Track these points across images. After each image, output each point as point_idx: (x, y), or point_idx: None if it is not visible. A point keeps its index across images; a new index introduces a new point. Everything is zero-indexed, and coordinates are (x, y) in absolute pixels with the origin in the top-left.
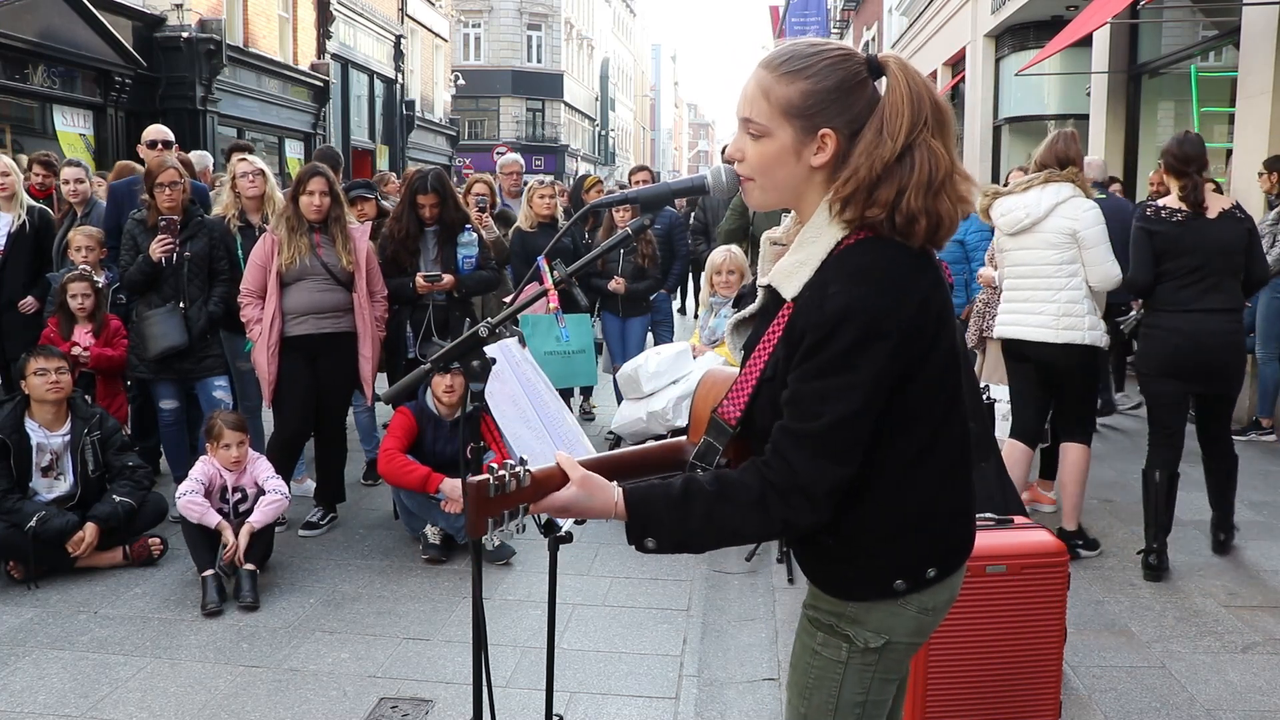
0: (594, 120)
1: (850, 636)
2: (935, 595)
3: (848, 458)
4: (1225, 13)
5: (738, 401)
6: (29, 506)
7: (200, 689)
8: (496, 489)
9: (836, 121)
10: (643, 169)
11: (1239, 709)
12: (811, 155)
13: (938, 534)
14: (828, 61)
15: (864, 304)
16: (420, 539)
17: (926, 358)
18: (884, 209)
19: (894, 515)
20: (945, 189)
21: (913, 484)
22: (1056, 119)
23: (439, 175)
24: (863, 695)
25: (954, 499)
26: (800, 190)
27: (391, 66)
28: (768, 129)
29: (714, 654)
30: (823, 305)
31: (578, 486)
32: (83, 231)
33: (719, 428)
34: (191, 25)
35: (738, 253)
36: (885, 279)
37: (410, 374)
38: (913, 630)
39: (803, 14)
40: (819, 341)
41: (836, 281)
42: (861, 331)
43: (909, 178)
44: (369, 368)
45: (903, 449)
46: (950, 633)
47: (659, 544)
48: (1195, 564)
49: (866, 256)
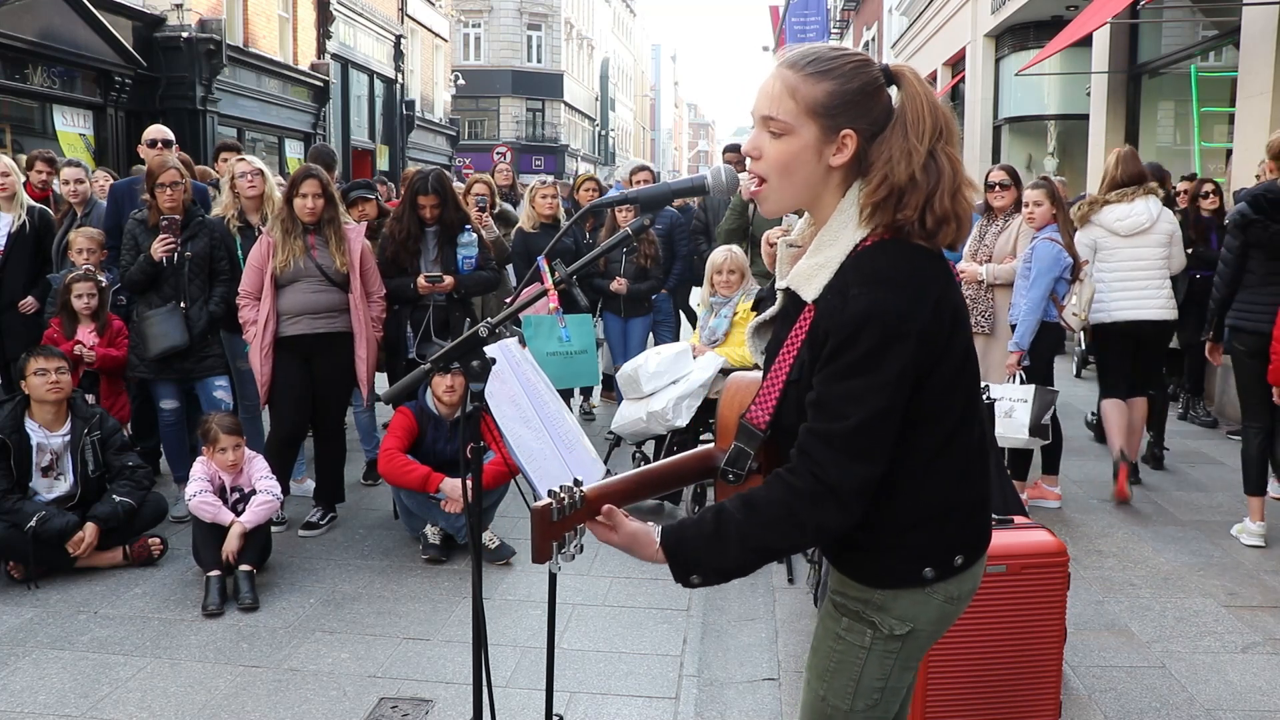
0: (594, 120)
1: (876, 623)
2: (961, 584)
3: (875, 457)
4: (1225, 13)
5: (765, 406)
6: (29, 506)
7: (200, 689)
8: (559, 513)
9: (859, 123)
10: (643, 168)
11: (1239, 709)
12: (831, 155)
13: (961, 523)
14: (851, 65)
15: (884, 306)
16: (420, 539)
17: (943, 357)
18: (915, 211)
19: (918, 507)
20: (961, 193)
21: (935, 477)
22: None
23: (439, 176)
24: (882, 681)
25: (975, 490)
26: (817, 190)
27: (391, 66)
28: (791, 126)
29: (714, 654)
30: (845, 308)
31: (623, 541)
32: (83, 233)
33: (749, 433)
34: (191, 25)
35: (738, 252)
36: (904, 280)
37: (410, 374)
38: (936, 619)
39: (803, 14)
40: (842, 343)
41: (857, 284)
42: (883, 333)
43: (937, 182)
44: (364, 368)
45: (925, 444)
46: (950, 633)
47: (704, 579)
48: (1195, 564)
49: (885, 259)
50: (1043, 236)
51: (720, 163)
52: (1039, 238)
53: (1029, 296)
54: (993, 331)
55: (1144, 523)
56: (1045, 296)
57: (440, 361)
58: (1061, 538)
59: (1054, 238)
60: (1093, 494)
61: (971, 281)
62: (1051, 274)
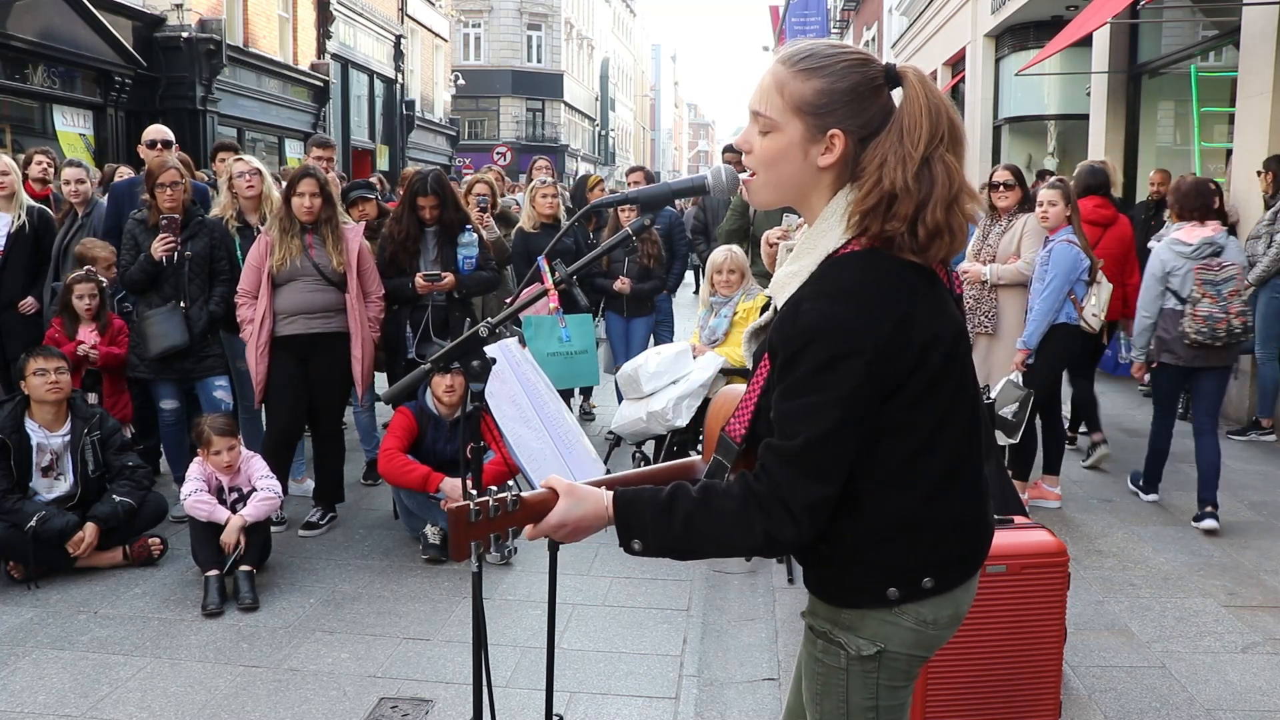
0: (594, 120)
1: (843, 644)
2: (936, 608)
3: (827, 476)
4: (1225, 13)
5: (742, 419)
6: (29, 506)
7: (200, 689)
8: (477, 514)
9: (847, 124)
10: (639, 169)
11: (1239, 709)
12: (819, 155)
13: (930, 544)
14: (846, 64)
15: (834, 321)
16: (420, 539)
17: (912, 374)
18: (904, 222)
19: (879, 522)
20: (958, 204)
21: (901, 492)
22: (1056, 119)
23: (439, 177)
24: (872, 701)
25: (950, 509)
26: (805, 190)
27: (391, 66)
28: (777, 123)
29: (714, 654)
30: (796, 320)
31: (564, 497)
32: (100, 246)
33: (726, 445)
34: (191, 25)
35: (738, 252)
36: (862, 294)
37: (410, 374)
38: (911, 643)
39: (803, 14)
40: (790, 358)
41: (811, 297)
42: (830, 349)
43: (930, 191)
44: (360, 368)
45: (884, 458)
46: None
47: (644, 547)
48: (1195, 564)
49: (847, 272)
50: (1060, 239)
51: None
52: (1055, 240)
53: (1044, 298)
54: (996, 332)
55: (1144, 523)
56: (1062, 299)
57: (440, 361)
58: (1061, 538)
59: (1071, 240)
60: (1093, 494)
61: (975, 282)
62: (1070, 277)
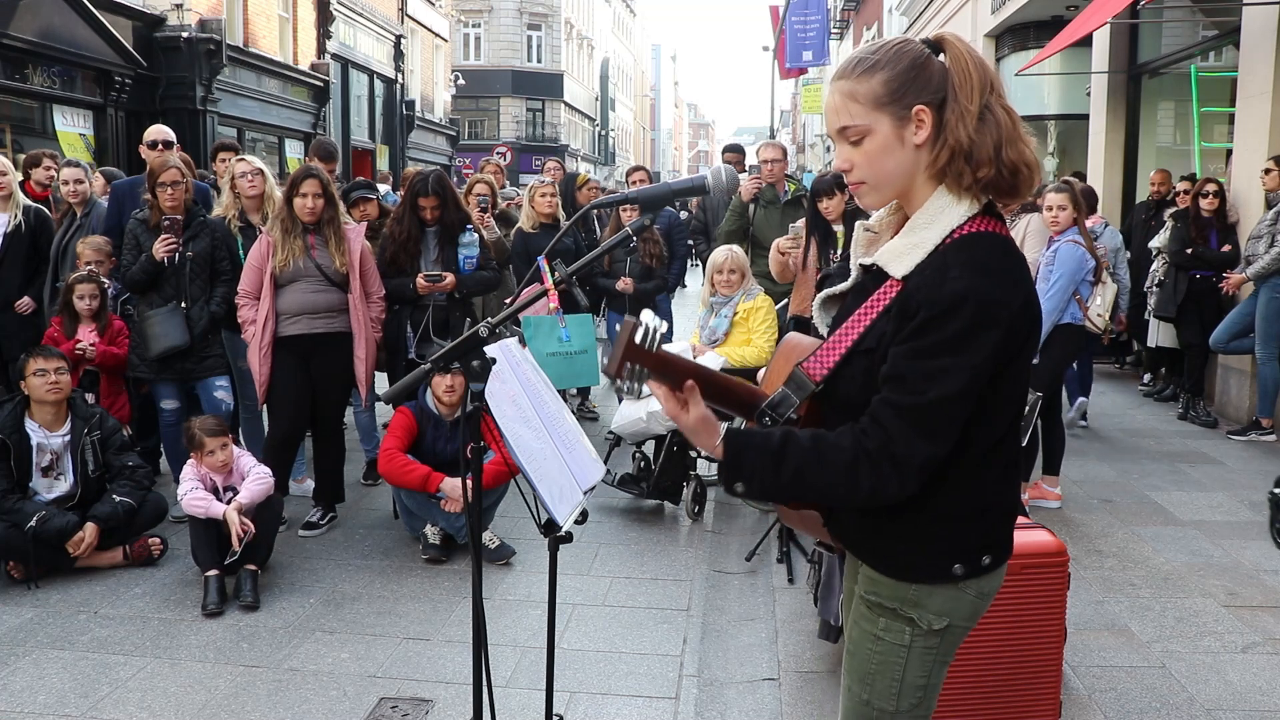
0: (594, 120)
1: (915, 619)
2: (990, 581)
3: (943, 437)
4: (1225, 13)
5: (825, 362)
6: (29, 506)
7: (200, 689)
8: (645, 335)
9: (923, 97)
10: (640, 169)
11: (1239, 709)
12: (913, 136)
13: (994, 525)
14: (893, 50)
15: (983, 292)
16: (420, 539)
17: (1020, 352)
18: (991, 167)
19: (960, 501)
20: (1022, 141)
21: (981, 474)
22: (1056, 119)
23: (439, 177)
24: (924, 679)
25: (1010, 495)
26: (911, 175)
27: (391, 66)
28: (867, 127)
29: (714, 654)
30: (943, 285)
31: (692, 421)
32: (91, 245)
33: (800, 382)
34: (191, 25)
35: (739, 252)
36: (1001, 273)
37: (411, 374)
38: (969, 614)
39: (803, 14)
40: (933, 319)
41: (958, 266)
42: (977, 316)
43: (998, 133)
44: (363, 368)
45: (979, 440)
46: None
47: (748, 490)
48: (1195, 564)
49: (987, 249)
50: (1065, 239)
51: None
52: (1061, 240)
53: (1049, 298)
54: None
55: (1144, 523)
56: (1067, 298)
57: (440, 361)
58: (1061, 538)
59: (1077, 240)
60: (1093, 494)
61: None
62: (1076, 277)
